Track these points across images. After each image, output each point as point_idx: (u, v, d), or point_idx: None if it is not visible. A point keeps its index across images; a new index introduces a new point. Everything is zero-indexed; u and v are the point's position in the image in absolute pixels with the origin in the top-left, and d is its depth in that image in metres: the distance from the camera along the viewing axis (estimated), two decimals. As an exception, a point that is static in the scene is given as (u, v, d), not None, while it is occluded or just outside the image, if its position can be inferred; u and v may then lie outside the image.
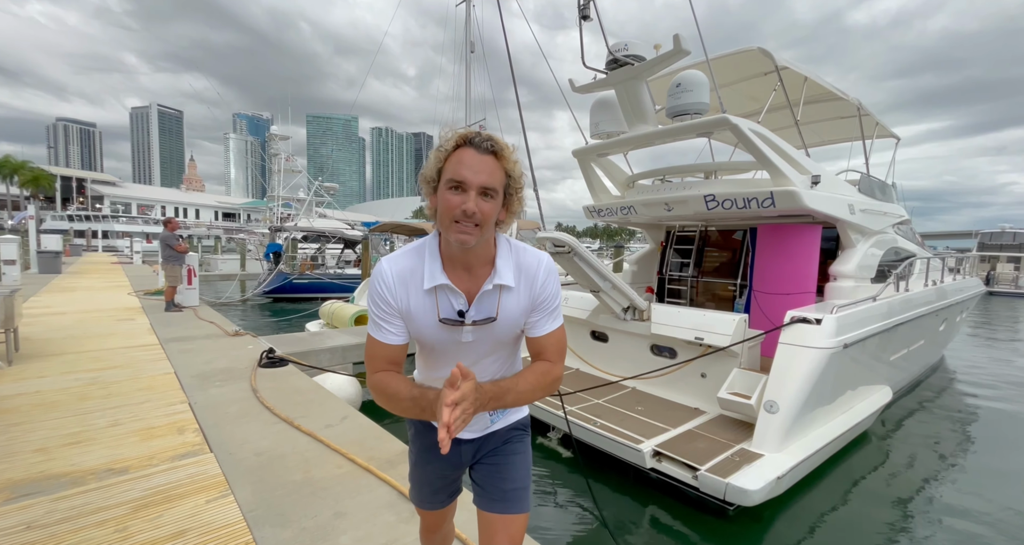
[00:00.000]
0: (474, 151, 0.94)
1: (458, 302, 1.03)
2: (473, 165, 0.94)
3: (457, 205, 0.93)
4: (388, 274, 1.03)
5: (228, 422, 2.89)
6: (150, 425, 2.82)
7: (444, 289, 1.02)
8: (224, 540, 1.75)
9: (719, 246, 6.28)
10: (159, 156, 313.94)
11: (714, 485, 2.96)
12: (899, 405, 5.47)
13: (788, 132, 5.51)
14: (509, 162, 0.98)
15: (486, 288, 1.03)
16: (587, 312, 5.28)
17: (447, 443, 0.80)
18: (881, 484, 3.72)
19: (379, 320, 1.04)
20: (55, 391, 3.36)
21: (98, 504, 1.94)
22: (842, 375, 3.80)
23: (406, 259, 1.05)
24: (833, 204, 4.47)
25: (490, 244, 1.05)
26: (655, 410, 4.12)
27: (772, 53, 4.46)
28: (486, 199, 0.95)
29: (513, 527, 1.13)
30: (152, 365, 4.17)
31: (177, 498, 2.01)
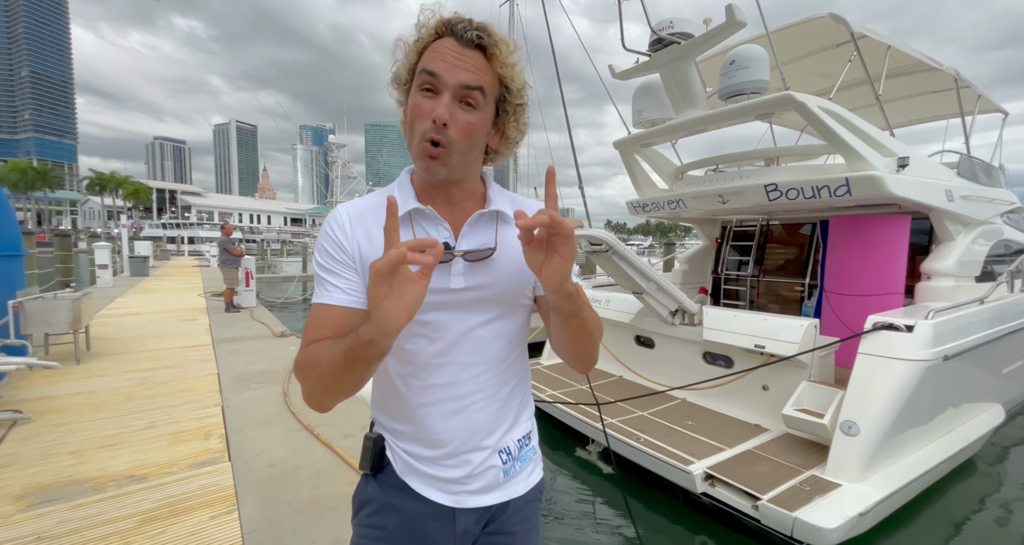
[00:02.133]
0: (455, 41, 0.69)
1: (440, 233, 0.76)
2: (450, 57, 0.68)
3: (427, 112, 0.68)
4: (342, 214, 0.76)
5: (253, 428, 2.89)
6: (181, 429, 2.88)
7: (420, 216, 0.76)
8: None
9: (783, 242, 5.63)
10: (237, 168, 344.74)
11: (779, 519, 2.54)
12: (1012, 424, 4.57)
13: (867, 112, 4.80)
14: (505, 65, 0.72)
15: (480, 212, 0.77)
16: (630, 315, 4.90)
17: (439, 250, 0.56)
18: (989, 523, 3.07)
19: (326, 275, 0.73)
20: (108, 391, 3.57)
21: (109, 515, 1.94)
22: (941, 392, 3.17)
23: (368, 199, 0.80)
24: (926, 190, 3.78)
25: (476, 178, 0.81)
26: (708, 425, 3.69)
27: (847, 19, 3.84)
28: (466, 108, 0.69)
29: None
30: (200, 366, 4.37)
31: (184, 512, 1.98)
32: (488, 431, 0.78)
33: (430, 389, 0.76)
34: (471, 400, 0.77)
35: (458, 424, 0.76)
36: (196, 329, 6.21)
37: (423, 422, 0.76)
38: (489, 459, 0.79)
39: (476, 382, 0.77)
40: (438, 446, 0.77)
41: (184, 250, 40.08)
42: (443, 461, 0.77)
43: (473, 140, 0.71)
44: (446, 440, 0.76)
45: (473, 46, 0.69)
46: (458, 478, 0.77)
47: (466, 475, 0.77)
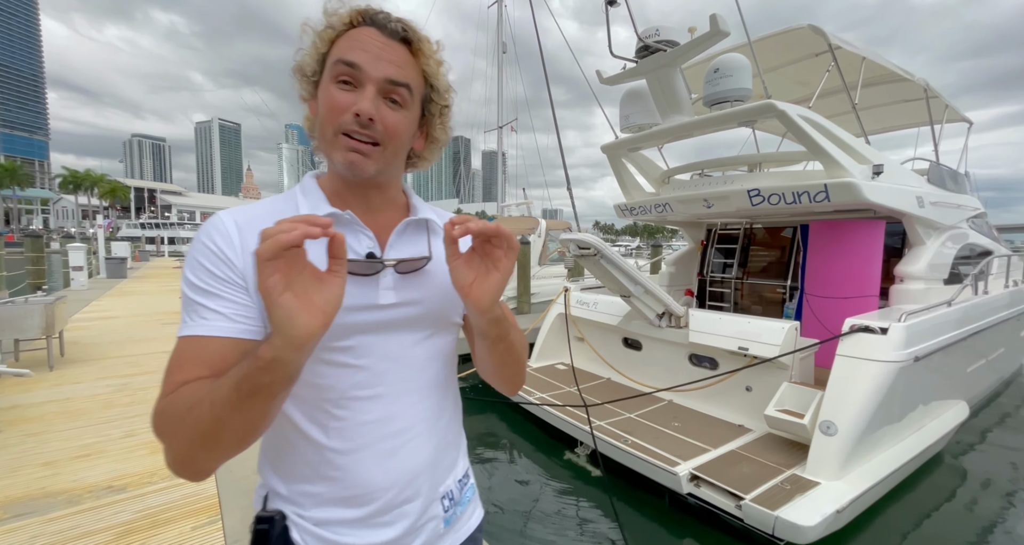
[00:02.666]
0: (377, 31, 0.61)
1: (362, 243, 0.64)
2: (373, 48, 0.60)
3: (345, 106, 0.59)
4: (226, 222, 0.60)
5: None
6: (162, 436, 2.79)
7: (337, 223, 0.62)
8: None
9: (766, 245, 5.76)
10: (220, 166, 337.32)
11: (761, 518, 2.60)
12: (976, 420, 4.77)
13: (844, 119, 4.95)
14: (431, 61, 0.65)
15: (408, 220, 0.68)
16: (618, 318, 4.95)
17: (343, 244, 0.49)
18: (958, 512, 3.21)
19: (202, 298, 0.56)
20: (84, 398, 3.47)
21: (86, 528, 1.89)
22: (912, 391, 3.29)
23: (258, 205, 0.65)
24: (898, 196, 3.92)
25: (399, 185, 0.72)
26: (694, 427, 3.75)
27: (824, 31, 3.96)
28: (393, 106, 0.62)
29: None
30: (181, 371, 4.26)
31: (165, 523, 1.93)
32: (429, 472, 0.67)
33: (358, 429, 0.62)
34: (408, 436, 0.65)
35: (395, 468, 0.64)
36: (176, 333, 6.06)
37: (349, 474, 0.62)
38: (430, 509, 0.67)
39: (413, 414, 0.66)
40: (368, 502, 0.62)
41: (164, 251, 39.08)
42: (375, 520, 0.63)
43: (401, 141, 0.64)
44: (380, 491, 0.63)
45: (398, 38, 0.62)
46: (395, 538, 0.64)
47: (404, 532, 0.64)
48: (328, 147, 0.62)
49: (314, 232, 0.45)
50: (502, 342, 0.65)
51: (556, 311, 5.71)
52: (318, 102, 0.63)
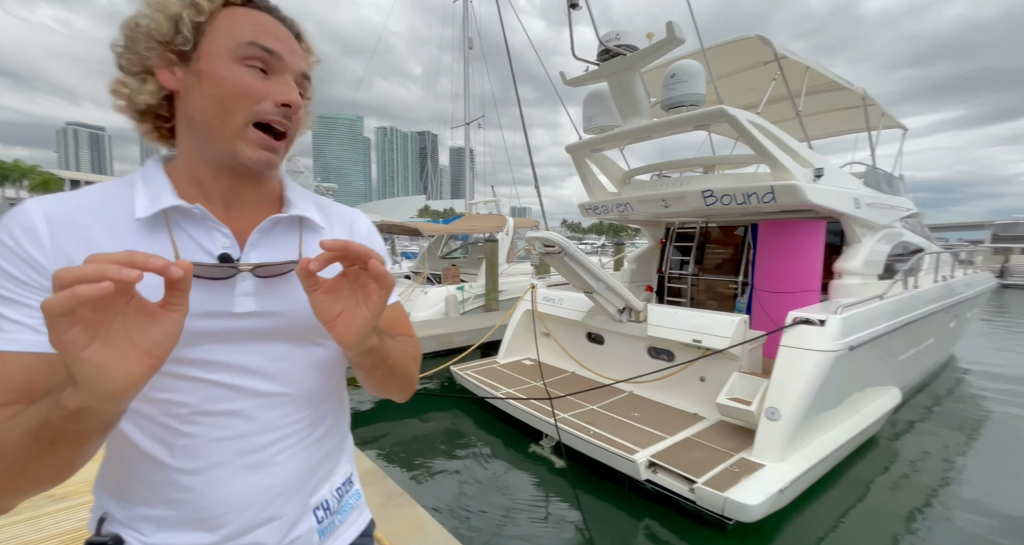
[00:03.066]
0: (277, 21, 0.57)
1: (215, 241, 0.56)
2: (284, 38, 0.57)
3: (262, 93, 0.54)
4: (34, 215, 0.49)
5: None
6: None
7: (183, 218, 0.55)
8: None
9: (721, 242, 6.05)
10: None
11: (711, 499, 2.77)
12: (908, 405, 5.23)
13: (790, 124, 5.27)
14: (312, 54, 0.63)
15: (277, 216, 0.60)
16: (582, 313, 5.10)
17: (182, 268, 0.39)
18: (890, 491, 3.51)
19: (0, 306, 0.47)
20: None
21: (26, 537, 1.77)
22: (848, 378, 3.58)
23: (81, 193, 0.53)
24: (837, 198, 4.23)
25: (277, 175, 0.66)
26: (652, 416, 3.93)
27: (771, 41, 4.21)
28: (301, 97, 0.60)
29: None
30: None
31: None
32: (297, 487, 0.61)
33: (210, 446, 0.55)
34: (272, 451, 0.58)
35: (254, 485, 0.57)
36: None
37: (199, 495, 0.55)
38: (300, 524, 0.61)
39: (280, 428, 0.59)
40: (223, 524, 0.56)
41: (105, 248, 36.51)
42: (232, 543, 0.56)
43: (298, 134, 0.62)
44: (235, 512, 0.56)
45: (294, 32, 0.60)
46: None
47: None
48: (232, 138, 0.54)
49: (130, 277, 0.35)
50: (379, 368, 0.59)
51: (523, 308, 5.80)
52: (212, 83, 0.53)
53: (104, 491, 0.59)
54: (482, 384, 4.74)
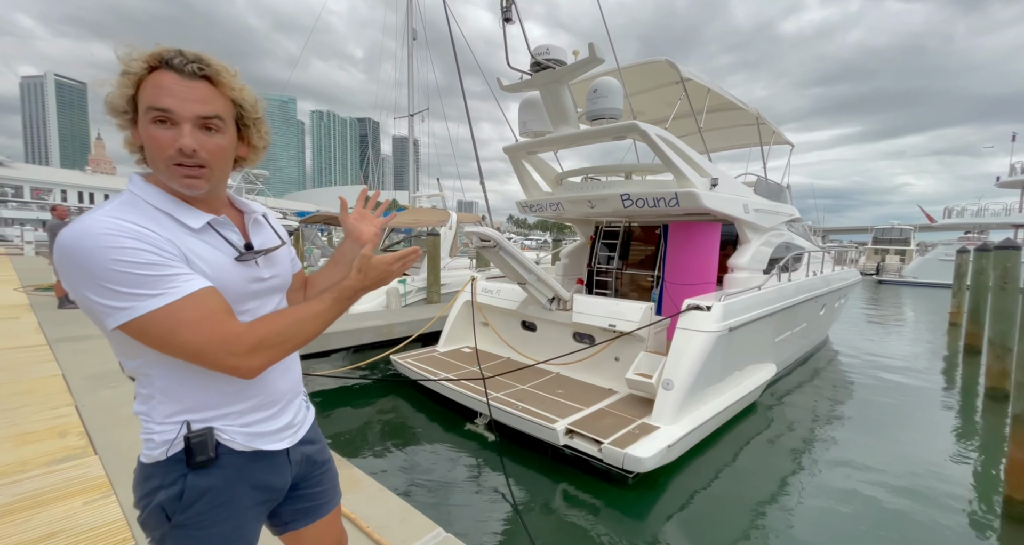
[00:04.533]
0: (176, 75, 0.74)
1: (237, 237, 0.89)
2: (178, 92, 0.74)
3: (168, 142, 0.74)
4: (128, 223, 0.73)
5: (120, 424, 2.77)
6: (25, 431, 2.64)
7: (219, 225, 0.86)
8: (102, 539, 1.75)
9: (642, 240, 6.75)
10: (58, 133, 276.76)
11: (614, 456, 3.29)
12: (786, 380, 6.24)
13: (695, 138, 6.02)
14: (233, 87, 0.80)
15: (254, 216, 0.96)
16: (517, 303, 5.51)
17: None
18: (765, 447, 4.28)
19: (167, 269, 0.73)
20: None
21: (-39, 513, 1.84)
22: (730, 355, 4.30)
23: (127, 210, 0.76)
24: (729, 204, 4.99)
25: (224, 187, 0.93)
26: (573, 393, 4.44)
27: (677, 65, 4.85)
28: (210, 133, 0.78)
29: (340, 511, 1.15)
30: (36, 367, 3.85)
31: (50, 502, 1.95)
32: (299, 380, 1.05)
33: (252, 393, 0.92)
34: (290, 360, 1.00)
35: (289, 379, 0.99)
36: (21, 328, 5.29)
37: (265, 388, 0.92)
38: (302, 401, 1.05)
39: None
40: (276, 403, 0.95)
41: (-19, 234, 31.50)
42: (278, 415, 0.95)
43: (224, 159, 0.82)
44: (282, 394, 0.96)
45: (197, 77, 0.75)
46: (289, 422, 0.98)
47: (293, 418, 0.99)
48: (166, 175, 0.78)
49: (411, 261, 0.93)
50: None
51: (463, 299, 6.11)
52: (142, 138, 0.76)
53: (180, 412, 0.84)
54: (422, 371, 5.02)
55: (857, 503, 3.41)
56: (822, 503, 3.40)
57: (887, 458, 4.11)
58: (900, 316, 12.88)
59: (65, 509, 1.91)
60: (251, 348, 0.77)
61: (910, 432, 4.74)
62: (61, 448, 2.45)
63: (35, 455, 2.36)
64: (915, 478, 3.76)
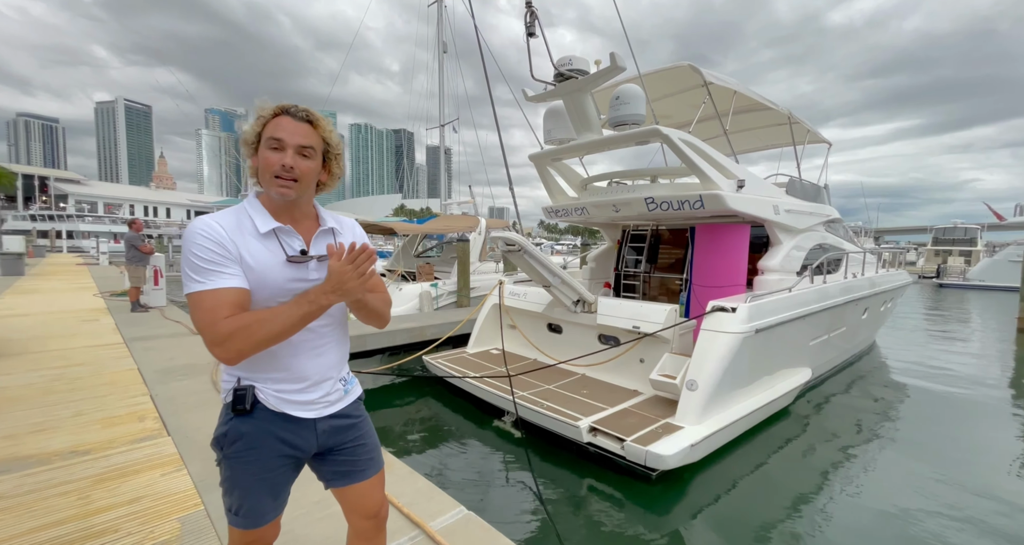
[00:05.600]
0: (291, 118, 1.07)
1: (297, 243, 1.12)
2: (289, 128, 1.06)
3: (276, 161, 1.04)
4: (215, 225, 1.04)
5: (186, 411, 3.13)
6: (112, 415, 3.04)
7: (282, 232, 1.11)
8: (177, 503, 2.02)
9: (670, 243, 6.73)
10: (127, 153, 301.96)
11: (637, 453, 3.35)
12: (824, 386, 6.00)
13: (721, 140, 5.97)
14: (324, 130, 1.11)
15: (322, 228, 1.18)
16: (543, 306, 5.64)
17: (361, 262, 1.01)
18: (796, 455, 4.17)
19: (214, 266, 1.00)
20: (19, 387, 3.53)
21: (62, 479, 2.18)
22: (758, 357, 4.24)
23: (228, 216, 1.09)
24: (757, 205, 4.93)
25: (311, 204, 1.19)
26: (598, 393, 4.51)
27: (700, 69, 4.88)
28: (304, 158, 1.07)
29: (382, 482, 1.29)
30: (116, 362, 4.34)
31: (133, 473, 2.27)
32: (337, 365, 1.22)
33: (300, 344, 1.14)
34: (324, 347, 1.19)
35: (321, 363, 1.17)
36: (102, 329, 5.92)
37: (296, 365, 1.13)
38: (335, 385, 1.21)
39: (325, 336, 1.19)
40: (304, 380, 1.14)
41: (62, 246, 34.86)
42: (307, 390, 1.15)
43: (311, 178, 1.10)
44: (310, 374, 1.15)
45: (304, 121, 1.08)
46: (316, 399, 1.17)
47: (322, 396, 1.18)
48: (267, 185, 1.08)
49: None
50: (363, 310, 1.17)
51: (491, 302, 6.31)
52: (259, 159, 1.09)
53: (246, 370, 1.12)
54: (452, 370, 5.23)
55: (894, 527, 3.14)
56: (854, 520, 3.22)
57: (934, 479, 3.72)
58: (962, 322, 11.97)
59: (146, 479, 2.22)
60: (223, 338, 0.97)
61: (963, 452, 4.26)
62: (140, 430, 2.81)
63: (120, 435, 2.72)
64: (969, 508, 3.34)
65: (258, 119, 1.09)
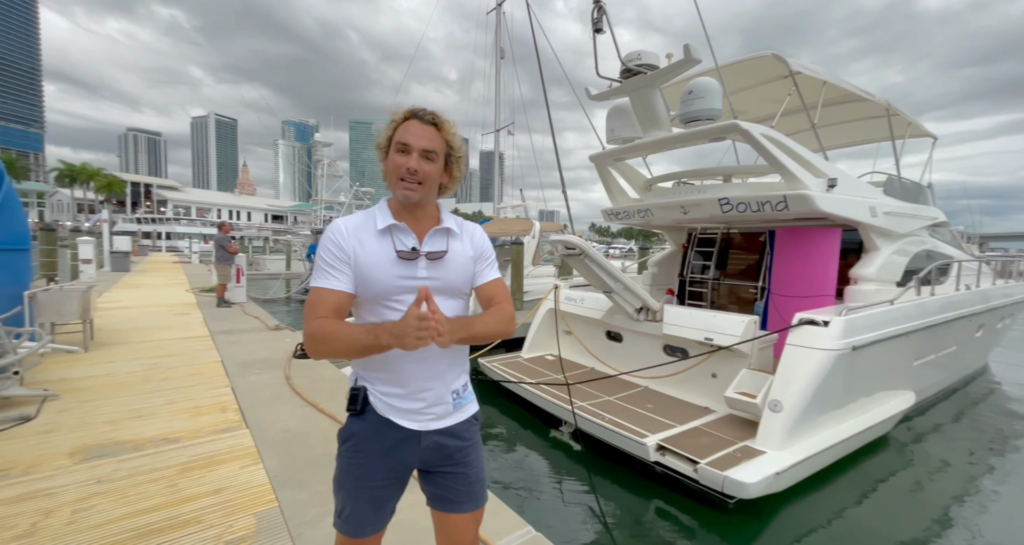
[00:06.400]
0: (418, 122, 1.10)
1: (410, 241, 1.13)
2: (416, 132, 1.09)
3: (402, 164, 1.08)
4: (341, 225, 1.13)
5: (262, 404, 3.28)
6: (198, 404, 3.25)
7: (396, 230, 1.13)
8: (253, 497, 2.08)
9: (743, 248, 6.24)
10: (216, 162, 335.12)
11: (713, 478, 3.06)
12: (929, 413, 5.25)
13: (807, 135, 5.44)
14: (448, 133, 1.14)
15: (437, 227, 1.17)
16: (602, 312, 5.41)
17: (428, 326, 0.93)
18: (895, 491, 3.65)
19: (327, 267, 1.08)
20: (123, 374, 3.90)
21: (154, 466, 2.33)
22: (853, 378, 3.76)
23: (358, 216, 1.18)
24: (851, 207, 4.40)
25: (434, 206, 1.21)
26: (665, 408, 4.22)
27: (786, 59, 4.44)
28: (427, 161, 1.10)
29: (477, 521, 1.21)
30: (203, 354, 4.69)
31: (216, 464, 2.38)
32: (444, 375, 1.15)
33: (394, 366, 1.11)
34: (431, 352, 1.11)
35: (424, 369, 1.12)
36: (191, 322, 6.47)
37: (399, 368, 1.10)
38: (444, 397, 1.15)
39: None
40: (406, 385, 1.11)
41: (161, 246, 39.23)
42: (410, 397, 1.12)
43: (433, 180, 1.12)
44: (415, 380, 1.11)
45: (430, 124, 1.11)
46: (420, 409, 1.12)
47: (426, 406, 1.13)
48: (394, 187, 1.12)
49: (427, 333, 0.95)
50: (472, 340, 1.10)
51: (546, 307, 6.16)
52: (388, 163, 1.13)
53: (358, 367, 1.16)
54: (507, 375, 5.14)
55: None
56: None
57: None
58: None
59: (228, 470, 2.33)
60: (307, 336, 1.04)
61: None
62: (223, 421, 2.98)
63: (206, 425, 2.90)
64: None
65: (390, 123, 1.13)
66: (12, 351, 3.12)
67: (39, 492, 2.06)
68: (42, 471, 2.25)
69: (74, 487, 2.11)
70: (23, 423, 2.80)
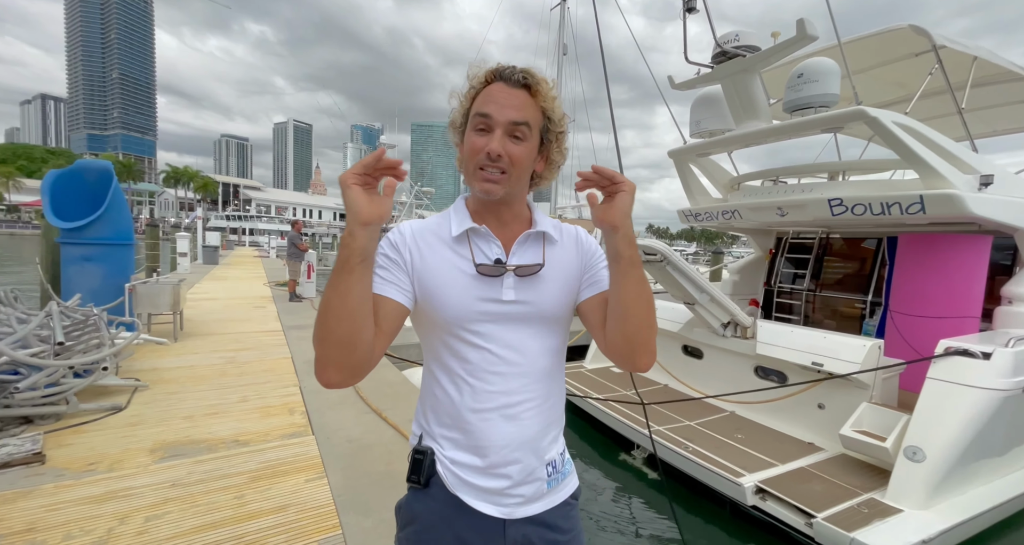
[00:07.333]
0: (504, 84, 0.79)
1: (493, 251, 0.83)
2: (500, 98, 0.78)
3: (481, 147, 0.77)
4: (405, 228, 0.85)
5: (328, 408, 3.21)
6: (268, 404, 3.25)
7: (475, 235, 0.83)
8: (317, 519, 1.93)
9: (844, 256, 5.43)
10: (293, 164, 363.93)
11: (834, 538, 2.53)
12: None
13: (945, 122, 4.56)
14: (547, 98, 0.81)
15: (528, 231, 0.85)
16: (679, 325, 4.90)
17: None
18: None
19: (378, 268, 0.79)
20: (204, 367, 4.04)
21: (225, 471, 2.27)
22: (1018, 423, 3.01)
23: (429, 219, 0.89)
24: (1011, 210, 3.58)
25: (524, 202, 0.88)
26: (759, 440, 3.67)
27: (928, 31, 3.69)
28: (516, 141, 0.78)
29: None
30: (275, 349, 4.81)
31: (283, 474, 2.28)
32: (536, 441, 0.82)
33: (484, 395, 0.79)
34: (522, 408, 0.81)
35: (510, 431, 0.80)
36: (266, 316, 6.77)
37: (476, 428, 0.79)
38: (537, 471, 0.82)
39: (526, 391, 0.81)
40: (487, 454, 0.79)
41: (245, 241, 43.00)
42: (493, 470, 0.79)
43: (523, 168, 0.80)
44: (497, 447, 0.79)
45: (520, 86, 0.79)
46: (506, 488, 0.80)
47: (513, 484, 0.80)
48: (470, 179, 0.81)
49: (377, 159, 0.67)
50: (635, 268, 0.75)
51: (615, 315, 5.73)
52: (464, 146, 0.82)
53: (422, 418, 0.87)
54: (572, 389, 4.79)
55: None
56: None
57: None
58: None
59: (293, 483, 2.22)
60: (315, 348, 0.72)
61: None
62: (290, 424, 2.92)
63: (274, 427, 2.86)
64: None
65: (468, 91, 0.82)
66: (109, 342, 3.29)
67: (119, 492, 2.06)
68: (124, 468, 2.27)
69: (150, 490, 2.08)
70: (114, 413, 2.91)
